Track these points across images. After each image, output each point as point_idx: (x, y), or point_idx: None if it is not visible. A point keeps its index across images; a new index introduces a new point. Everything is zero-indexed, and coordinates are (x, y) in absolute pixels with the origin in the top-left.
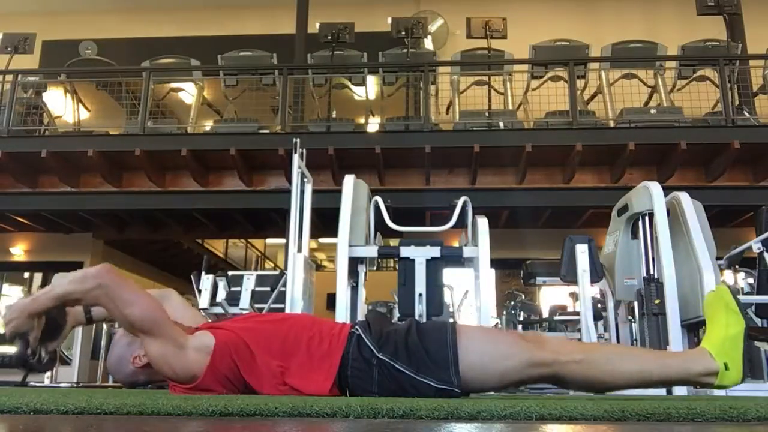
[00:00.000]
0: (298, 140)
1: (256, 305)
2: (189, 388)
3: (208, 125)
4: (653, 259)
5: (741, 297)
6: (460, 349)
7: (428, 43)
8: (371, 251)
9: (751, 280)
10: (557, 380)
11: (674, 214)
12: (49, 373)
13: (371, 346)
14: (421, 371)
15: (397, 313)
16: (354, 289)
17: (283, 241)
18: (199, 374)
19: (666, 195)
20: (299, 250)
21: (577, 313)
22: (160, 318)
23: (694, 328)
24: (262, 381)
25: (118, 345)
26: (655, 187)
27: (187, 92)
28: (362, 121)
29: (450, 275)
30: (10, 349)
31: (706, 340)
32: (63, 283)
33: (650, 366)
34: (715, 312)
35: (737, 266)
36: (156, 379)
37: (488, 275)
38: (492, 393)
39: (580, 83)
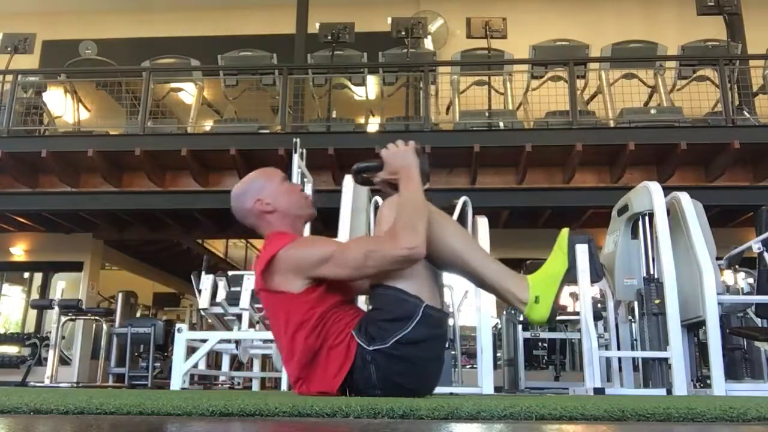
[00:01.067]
0: (298, 140)
1: (256, 305)
2: (264, 283)
3: (208, 125)
4: (653, 259)
5: (741, 297)
6: (392, 284)
7: (428, 43)
8: None
9: (751, 280)
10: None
11: (674, 214)
12: (49, 373)
13: (362, 344)
14: (403, 324)
15: None
16: None
17: None
18: (274, 286)
19: (666, 195)
20: None
21: (577, 313)
22: (348, 277)
23: (694, 328)
24: (283, 342)
25: (257, 179)
26: (655, 187)
27: (187, 92)
28: (362, 121)
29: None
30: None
31: (534, 273)
32: (419, 195)
33: (478, 253)
34: (555, 250)
35: (737, 266)
36: (259, 228)
37: None
38: (492, 393)
39: (580, 83)
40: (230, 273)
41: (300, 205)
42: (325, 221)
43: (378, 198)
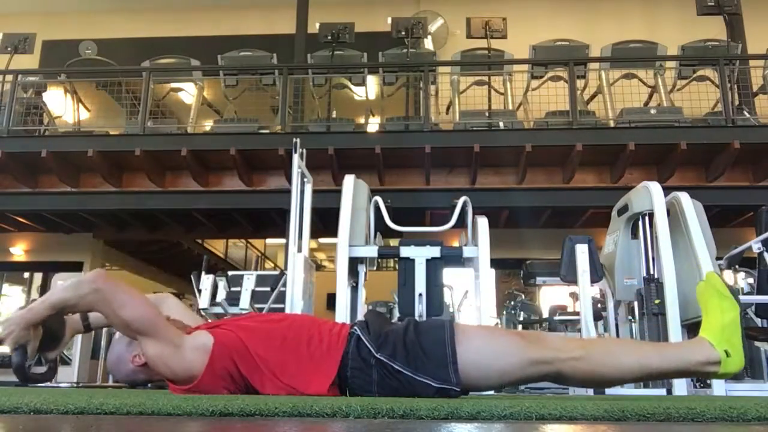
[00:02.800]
0: (298, 140)
1: (256, 305)
2: (188, 389)
3: (208, 125)
4: (653, 259)
5: (741, 297)
6: (458, 347)
7: (428, 43)
8: (371, 251)
9: (751, 280)
10: (558, 378)
11: (674, 214)
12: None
13: (369, 347)
14: (420, 370)
15: (397, 313)
16: (354, 289)
17: (283, 241)
18: (197, 374)
19: (666, 195)
20: (299, 250)
21: (577, 313)
22: (155, 318)
23: (694, 328)
24: (264, 380)
25: (118, 344)
26: (655, 187)
27: (187, 92)
28: (362, 121)
29: (450, 275)
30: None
31: (704, 329)
32: (57, 290)
33: (650, 358)
34: (709, 300)
35: (737, 266)
36: (155, 378)
37: (488, 275)
38: (492, 393)
39: (580, 83)
40: (230, 273)
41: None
42: (325, 221)
43: (378, 198)
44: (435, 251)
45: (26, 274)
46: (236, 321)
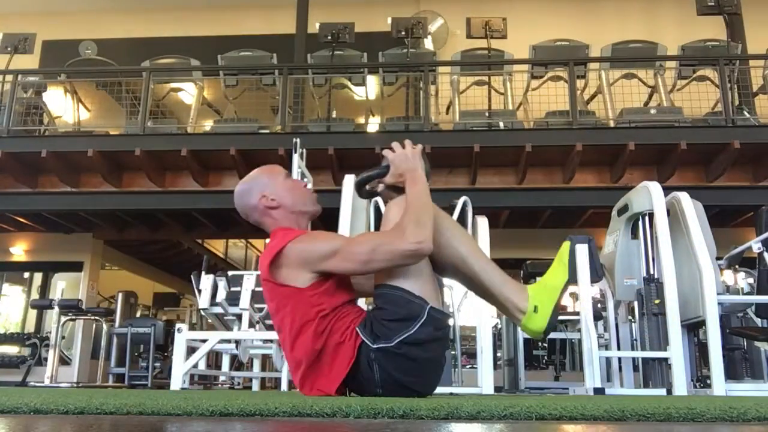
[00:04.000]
0: (298, 140)
1: (256, 305)
2: (270, 275)
3: (208, 125)
4: (653, 259)
5: (741, 297)
6: (398, 284)
7: (428, 43)
8: None
9: (751, 280)
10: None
11: (674, 214)
12: (49, 373)
13: (367, 342)
14: (408, 324)
15: None
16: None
17: None
18: (280, 279)
19: (666, 195)
20: None
21: (577, 313)
22: (355, 272)
23: (694, 328)
24: (287, 340)
25: (260, 177)
26: (655, 187)
27: (187, 92)
28: (362, 121)
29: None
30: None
31: (535, 283)
32: (425, 195)
33: (479, 256)
34: (555, 261)
35: (737, 266)
36: (264, 225)
37: None
38: (492, 393)
39: (580, 83)
40: (230, 273)
41: (304, 201)
42: (325, 221)
43: (378, 198)
44: None
45: (26, 274)
46: (337, 296)
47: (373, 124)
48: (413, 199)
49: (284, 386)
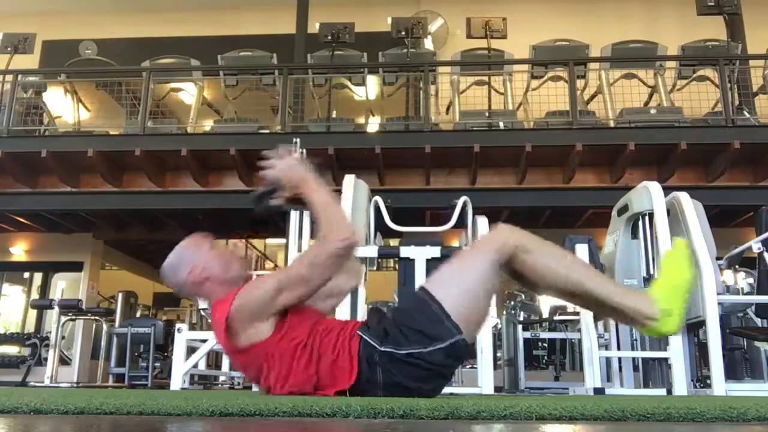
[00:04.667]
0: (298, 140)
1: None
2: (233, 345)
3: (208, 125)
4: (653, 259)
5: (741, 297)
6: (440, 299)
7: (428, 43)
8: (371, 251)
9: (751, 280)
10: (509, 264)
11: (674, 214)
12: (49, 373)
13: (373, 343)
14: (427, 342)
15: None
16: (354, 289)
17: (283, 241)
18: (244, 343)
19: (666, 195)
20: (299, 250)
21: (577, 313)
22: (306, 293)
23: (694, 328)
24: (284, 387)
25: (185, 250)
26: (655, 187)
27: (187, 92)
28: (362, 121)
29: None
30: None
31: (655, 285)
32: (324, 191)
33: (595, 281)
34: (671, 261)
35: (737, 266)
36: (198, 297)
37: None
38: (492, 393)
39: (580, 83)
40: None
41: (233, 268)
42: None
43: (378, 198)
44: (435, 251)
45: (26, 274)
46: (305, 322)
47: (373, 124)
48: (319, 205)
49: None
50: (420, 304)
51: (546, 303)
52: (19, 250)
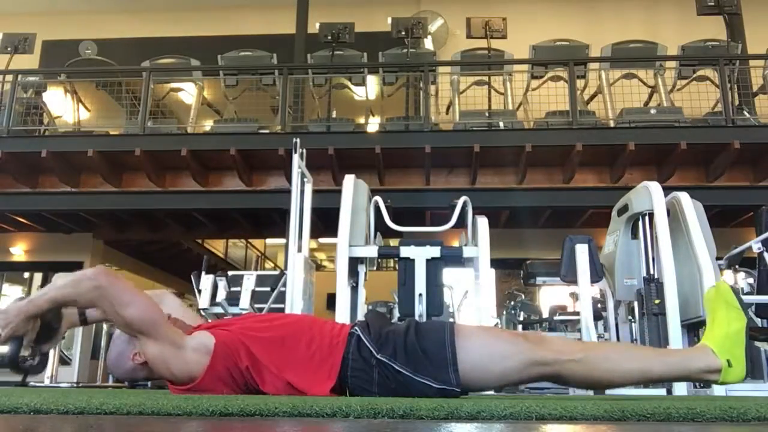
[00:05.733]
0: (298, 140)
1: (256, 305)
2: (188, 389)
3: (208, 125)
4: (653, 259)
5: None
6: (458, 348)
7: (428, 43)
8: (371, 251)
9: (751, 280)
10: (557, 379)
11: (674, 214)
12: (49, 373)
13: (370, 347)
14: (420, 372)
15: (397, 313)
16: (354, 289)
17: (283, 241)
18: (198, 375)
19: (666, 195)
20: (299, 250)
21: (577, 313)
22: (157, 318)
23: (694, 328)
24: (265, 377)
25: (118, 341)
26: (655, 187)
27: (187, 92)
28: (362, 121)
29: (450, 275)
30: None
31: (708, 336)
32: (58, 285)
33: (651, 363)
34: (716, 308)
35: (737, 266)
36: (155, 376)
37: (488, 275)
38: (492, 393)
39: (580, 83)
40: (230, 273)
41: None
42: (325, 221)
43: (378, 198)
44: (435, 251)
45: (26, 274)
46: (235, 321)
47: (373, 124)
48: (58, 289)
49: None
50: (439, 334)
51: (546, 303)
52: (19, 250)
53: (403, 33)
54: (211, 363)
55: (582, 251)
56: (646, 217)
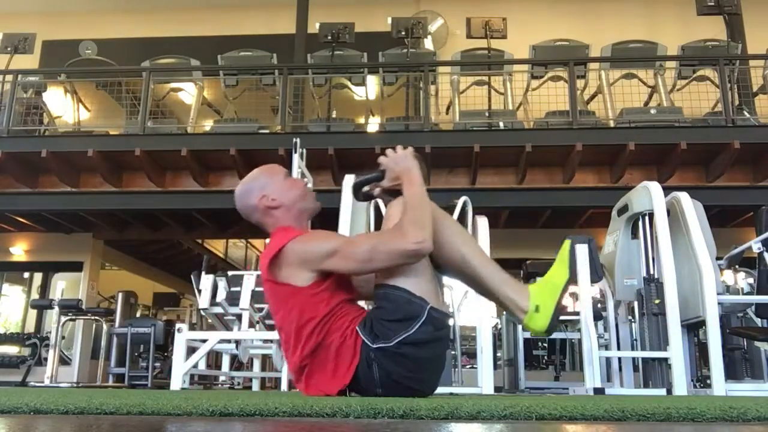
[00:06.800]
0: (298, 140)
1: (256, 305)
2: (271, 273)
3: (208, 125)
4: (653, 259)
5: (741, 297)
6: (398, 284)
7: (428, 43)
8: None
9: (751, 280)
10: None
11: (674, 214)
12: (49, 373)
13: (367, 342)
14: (408, 324)
15: None
16: None
17: None
18: (280, 278)
19: (666, 195)
20: None
21: (577, 313)
22: (354, 270)
23: (694, 328)
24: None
25: (260, 176)
26: (655, 187)
27: (187, 92)
28: (362, 121)
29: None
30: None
31: (536, 282)
32: (422, 195)
33: (480, 257)
34: (557, 261)
35: (737, 266)
36: (266, 225)
37: None
38: (492, 393)
39: (580, 83)
40: (230, 273)
41: (304, 199)
42: (325, 221)
43: (378, 198)
44: None
45: (26, 274)
46: (339, 294)
47: (373, 124)
48: (411, 200)
49: (284, 386)
50: (386, 296)
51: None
52: (19, 250)
53: (403, 33)
54: (318, 314)
55: (582, 251)
56: (646, 217)
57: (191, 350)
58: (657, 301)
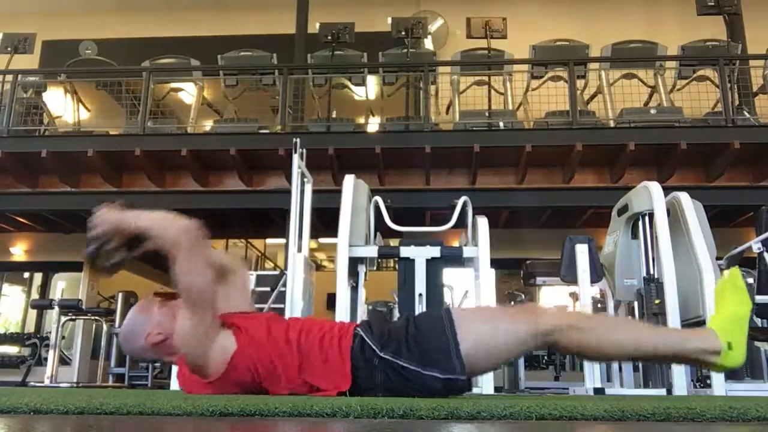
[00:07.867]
0: (298, 140)
1: (256, 305)
2: (203, 383)
3: (208, 125)
4: (653, 259)
5: None
6: (459, 335)
7: (428, 43)
8: (371, 251)
9: (751, 280)
10: (554, 345)
11: (674, 214)
12: (49, 373)
13: (374, 347)
14: (426, 364)
15: (397, 313)
16: (354, 289)
17: (283, 241)
18: (210, 374)
19: (666, 195)
20: (299, 250)
21: None
22: (210, 302)
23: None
24: (279, 385)
25: (135, 318)
26: (655, 187)
27: (187, 92)
28: (362, 121)
29: (450, 275)
30: (10, 349)
31: (712, 320)
32: (152, 218)
33: (646, 336)
34: (724, 291)
35: (737, 266)
36: (165, 358)
37: (488, 275)
38: (492, 393)
39: (580, 83)
40: None
41: (194, 315)
42: (325, 221)
43: (378, 198)
44: (435, 251)
45: (26, 274)
46: (258, 322)
47: (373, 124)
48: (153, 219)
49: None
50: (438, 323)
51: (546, 303)
52: (19, 250)
53: (403, 33)
54: (226, 370)
55: (582, 251)
56: (646, 217)
57: None
58: (657, 301)
